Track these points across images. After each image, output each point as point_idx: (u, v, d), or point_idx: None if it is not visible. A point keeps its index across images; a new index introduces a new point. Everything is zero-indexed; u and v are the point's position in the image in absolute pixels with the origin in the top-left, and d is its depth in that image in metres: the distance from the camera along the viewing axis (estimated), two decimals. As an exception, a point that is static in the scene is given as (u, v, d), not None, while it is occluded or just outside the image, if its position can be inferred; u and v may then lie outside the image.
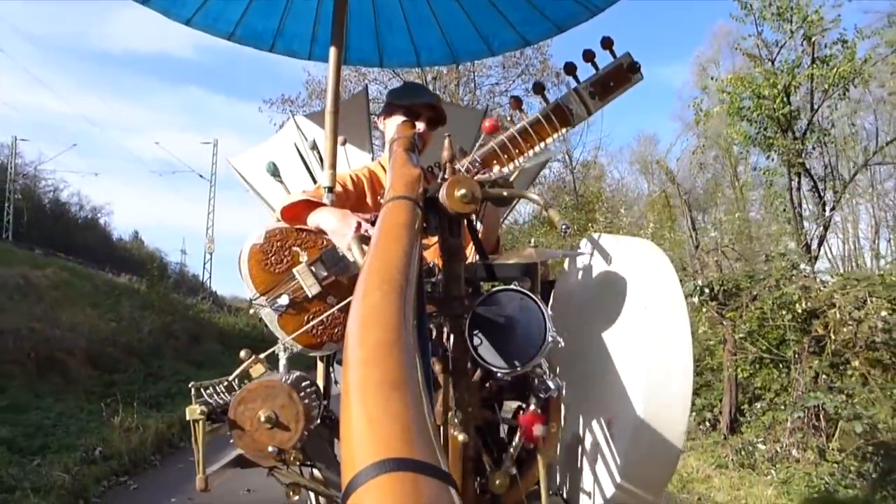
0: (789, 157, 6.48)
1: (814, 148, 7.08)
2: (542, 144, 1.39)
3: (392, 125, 1.94)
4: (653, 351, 1.21)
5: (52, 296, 9.10)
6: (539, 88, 1.34)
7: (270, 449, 1.20)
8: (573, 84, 1.36)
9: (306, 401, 1.24)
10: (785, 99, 6.34)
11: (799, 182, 7.09)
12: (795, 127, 6.56)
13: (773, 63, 6.62)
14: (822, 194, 7.31)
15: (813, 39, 6.19)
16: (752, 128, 6.75)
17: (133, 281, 15.02)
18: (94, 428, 5.77)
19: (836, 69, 5.99)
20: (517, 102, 1.36)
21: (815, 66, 6.17)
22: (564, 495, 1.50)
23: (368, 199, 1.88)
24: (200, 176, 30.65)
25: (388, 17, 2.74)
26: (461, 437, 1.13)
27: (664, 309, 1.26)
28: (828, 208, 7.35)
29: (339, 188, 1.89)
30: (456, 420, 1.15)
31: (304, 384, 1.31)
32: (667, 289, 1.29)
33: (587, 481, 1.38)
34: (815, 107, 6.56)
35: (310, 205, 1.62)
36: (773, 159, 7.04)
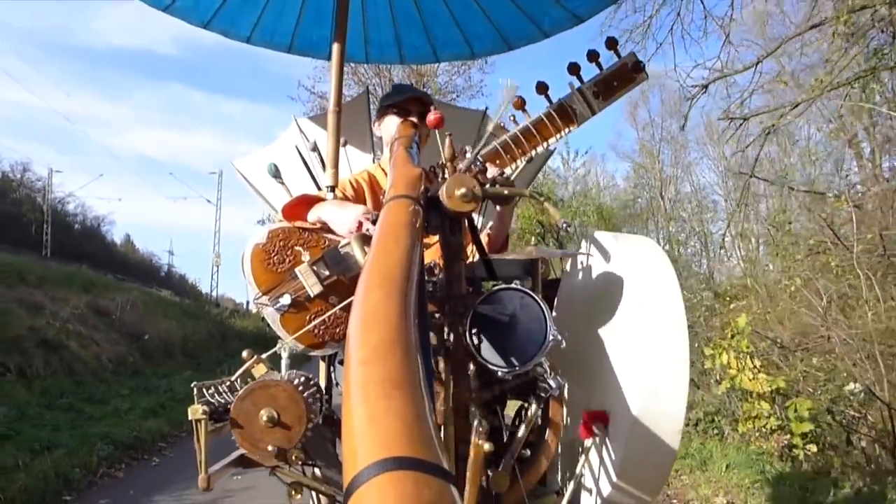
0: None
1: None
2: (546, 144, 1.39)
3: (386, 126, 1.97)
4: (650, 349, 1.20)
5: (146, 311, 13.67)
6: (542, 88, 1.34)
7: (270, 448, 1.20)
8: (577, 84, 1.35)
9: (308, 400, 1.24)
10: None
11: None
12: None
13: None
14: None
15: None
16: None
17: (169, 294, 23.49)
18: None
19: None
20: (521, 102, 1.36)
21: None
22: (565, 494, 1.50)
23: (368, 203, 1.89)
24: (208, 201, 32.55)
25: (433, 11, 2.68)
26: (486, 447, 1.11)
27: (662, 307, 1.24)
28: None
29: (338, 194, 1.90)
30: (480, 428, 1.13)
31: (305, 384, 1.31)
32: (664, 287, 1.28)
33: (587, 480, 1.38)
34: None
35: (310, 202, 1.62)
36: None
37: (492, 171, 1.33)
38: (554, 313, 1.17)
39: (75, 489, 4.67)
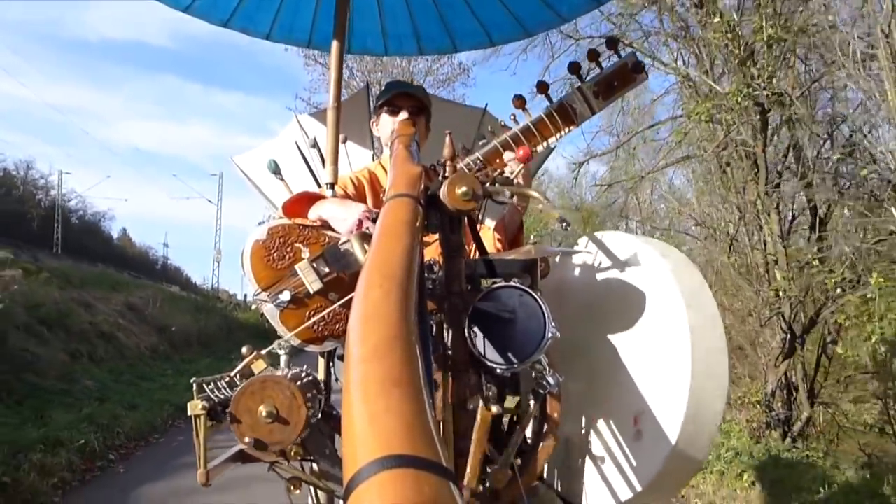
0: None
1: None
2: (546, 143, 1.39)
3: (381, 126, 1.99)
4: (698, 352, 1.22)
5: (167, 307, 15.56)
6: (543, 87, 1.34)
7: (269, 444, 1.21)
8: (577, 83, 1.35)
9: (307, 396, 1.24)
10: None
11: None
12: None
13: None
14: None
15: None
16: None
17: (177, 290, 25.28)
18: (229, 368, 10.62)
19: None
20: (521, 101, 1.36)
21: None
22: (560, 490, 1.51)
23: (369, 201, 1.89)
24: (209, 201, 32.95)
25: (449, 1, 2.64)
26: (495, 410, 1.14)
27: (706, 311, 1.28)
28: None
29: (339, 191, 1.90)
30: (489, 393, 1.16)
31: (305, 379, 1.32)
32: (704, 292, 1.32)
33: (591, 478, 1.38)
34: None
35: (311, 199, 1.62)
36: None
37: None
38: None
39: (159, 431, 7.26)
